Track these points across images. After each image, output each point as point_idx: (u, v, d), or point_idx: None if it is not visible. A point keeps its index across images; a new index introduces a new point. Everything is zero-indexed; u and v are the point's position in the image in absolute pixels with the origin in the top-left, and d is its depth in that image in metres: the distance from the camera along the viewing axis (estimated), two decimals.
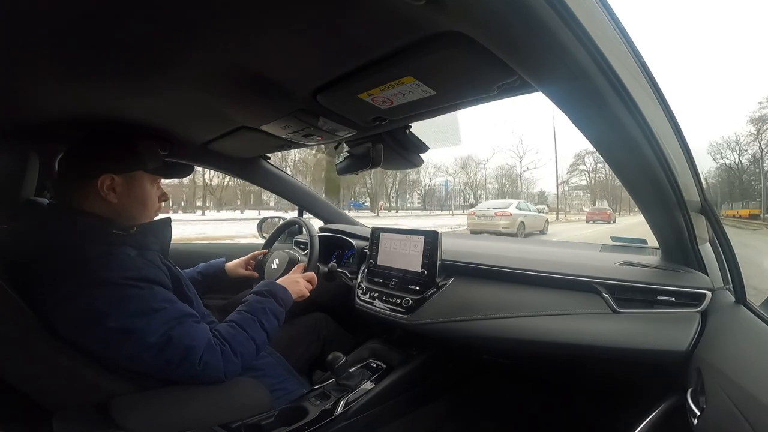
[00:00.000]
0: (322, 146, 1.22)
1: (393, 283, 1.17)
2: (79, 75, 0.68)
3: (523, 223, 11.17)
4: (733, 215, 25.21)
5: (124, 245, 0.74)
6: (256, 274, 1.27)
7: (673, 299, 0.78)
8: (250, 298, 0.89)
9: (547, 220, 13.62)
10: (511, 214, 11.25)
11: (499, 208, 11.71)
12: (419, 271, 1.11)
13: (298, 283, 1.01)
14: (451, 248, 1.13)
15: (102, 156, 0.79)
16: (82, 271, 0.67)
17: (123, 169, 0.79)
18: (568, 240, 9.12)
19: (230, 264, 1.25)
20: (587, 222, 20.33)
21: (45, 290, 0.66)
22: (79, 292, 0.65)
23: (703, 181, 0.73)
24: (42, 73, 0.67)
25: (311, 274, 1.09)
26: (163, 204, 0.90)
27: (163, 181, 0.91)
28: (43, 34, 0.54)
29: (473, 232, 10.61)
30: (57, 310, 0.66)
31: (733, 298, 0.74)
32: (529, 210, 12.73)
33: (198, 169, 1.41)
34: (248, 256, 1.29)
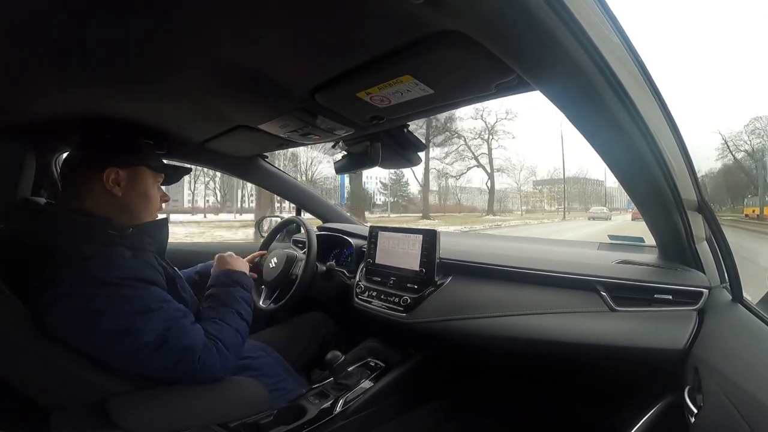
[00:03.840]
0: None
1: (391, 281, 1.16)
2: (76, 75, 0.68)
3: (608, 214, 27.80)
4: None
5: (120, 246, 0.74)
6: (255, 275, 1.27)
7: (670, 297, 0.78)
8: (216, 292, 0.87)
9: (611, 213, 32.14)
10: (606, 211, 28.82)
11: (603, 210, 29.72)
12: (417, 269, 1.11)
13: (236, 261, 0.98)
14: (449, 247, 1.13)
15: (108, 150, 0.82)
16: (78, 270, 0.67)
17: (127, 162, 0.81)
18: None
19: None
20: (632, 220, 21.86)
21: (41, 290, 0.66)
22: (74, 292, 0.65)
23: (700, 180, 0.74)
24: (38, 74, 0.66)
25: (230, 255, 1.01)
26: (164, 205, 0.89)
27: None
28: (40, 36, 0.53)
29: (590, 218, 25.68)
30: (52, 310, 0.65)
31: (730, 297, 0.75)
32: (609, 210, 31.76)
33: None
34: (247, 258, 1.27)
